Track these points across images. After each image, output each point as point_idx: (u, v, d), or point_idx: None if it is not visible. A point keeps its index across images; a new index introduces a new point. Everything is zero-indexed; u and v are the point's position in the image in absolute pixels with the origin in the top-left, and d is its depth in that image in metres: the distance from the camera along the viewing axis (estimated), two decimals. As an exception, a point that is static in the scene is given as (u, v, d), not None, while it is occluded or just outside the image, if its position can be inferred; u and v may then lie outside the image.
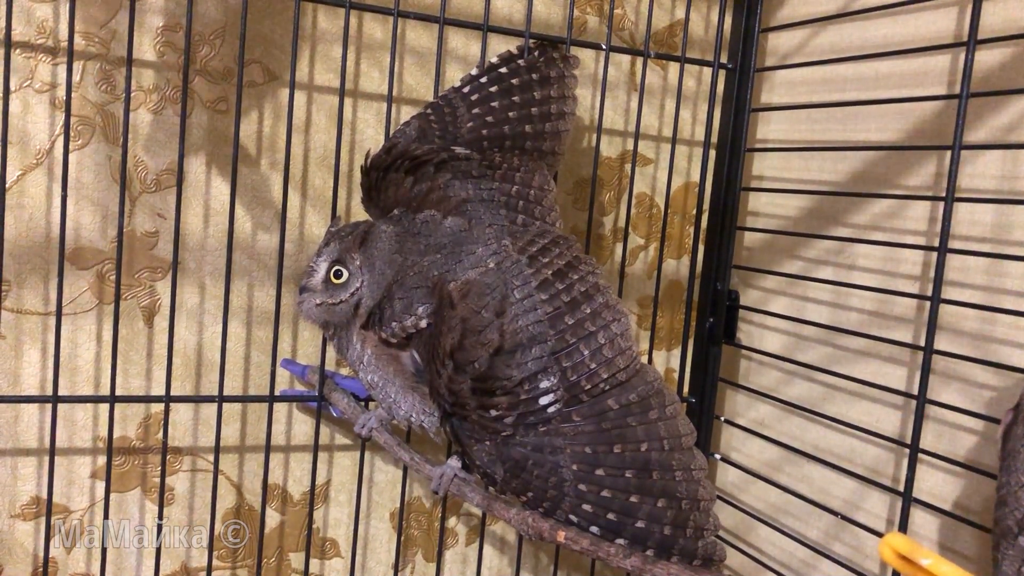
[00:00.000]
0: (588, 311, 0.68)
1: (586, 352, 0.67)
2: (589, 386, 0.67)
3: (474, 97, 0.80)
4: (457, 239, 0.72)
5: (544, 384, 0.66)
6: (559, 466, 0.66)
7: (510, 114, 0.80)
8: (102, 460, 0.86)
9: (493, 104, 0.80)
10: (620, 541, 0.66)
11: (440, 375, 0.67)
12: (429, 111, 0.81)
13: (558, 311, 0.68)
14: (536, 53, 0.83)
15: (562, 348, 0.67)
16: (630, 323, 0.71)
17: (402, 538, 0.99)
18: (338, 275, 0.71)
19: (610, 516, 0.66)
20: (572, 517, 0.67)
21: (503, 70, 0.81)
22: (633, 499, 0.67)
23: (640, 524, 0.66)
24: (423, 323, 0.69)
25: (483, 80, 0.81)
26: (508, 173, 0.76)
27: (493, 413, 0.66)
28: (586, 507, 0.67)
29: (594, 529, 0.67)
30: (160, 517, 0.85)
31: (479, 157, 0.77)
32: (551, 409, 0.66)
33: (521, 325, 0.66)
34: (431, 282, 0.69)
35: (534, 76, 0.81)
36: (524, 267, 0.69)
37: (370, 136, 0.91)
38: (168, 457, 0.89)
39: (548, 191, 0.78)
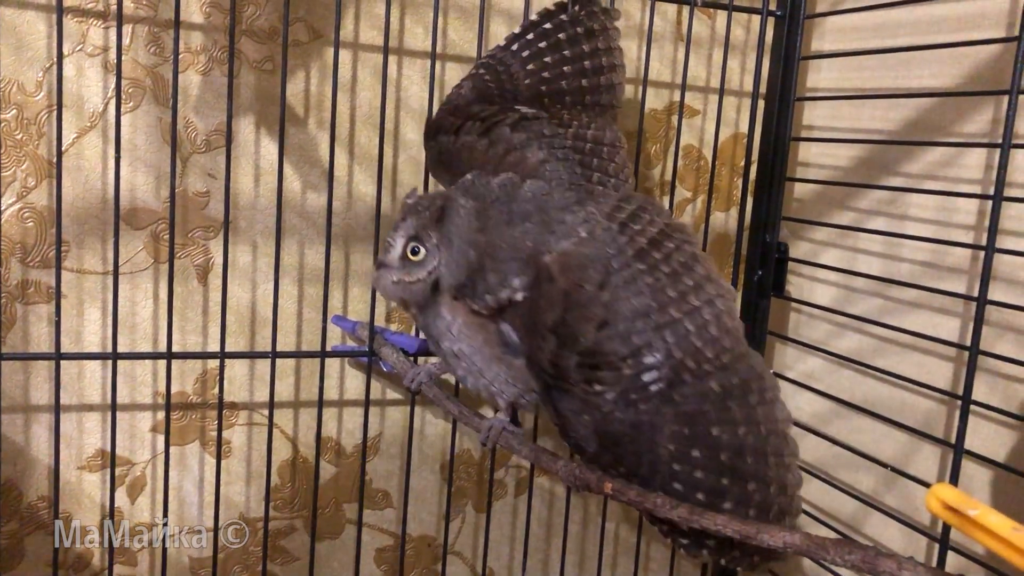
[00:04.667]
0: (690, 283, 0.66)
1: (691, 328, 0.65)
2: (693, 365, 0.65)
3: (525, 54, 0.79)
4: (541, 205, 0.69)
5: (648, 360, 0.64)
6: (655, 444, 0.65)
7: (564, 68, 0.79)
8: (162, 415, 0.89)
9: (546, 59, 0.79)
10: None
11: (542, 349, 0.65)
12: (482, 71, 0.79)
13: (659, 282, 0.66)
14: (577, 7, 0.82)
15: (666, 322, 0.65)
16: (735, 299, 0.68)
17: (452, 489, 1.00)
18: (415, 252, 0.68)
19: (699, 495, 0.65)
20: (659, 496, 0.66)
21: (547, 26, 0.80)
22: (724, 481, 0.66)
23: (727, 505, 0.65)
24: (519, 296, 0.66)
25: (530, 37, 0.80)
26: (580, 131, 0.75)
27: (597, 388, 0.64)
28: (677, 486, 0.65)
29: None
30: (218, 470, 0.87)
31: (547, 116, 0.75)
32: (654, 387, 0.64)
33: (623, 296, 0.64)
34: (524, 254, 0.67)
35: (579, 30, 0.80)
36: (616, 234, 0.67)
37: (415, 93, 0.92)
38: (224, 411, 0.92)
39: (620, 148, 0.77)
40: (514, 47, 0.80)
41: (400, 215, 0.70)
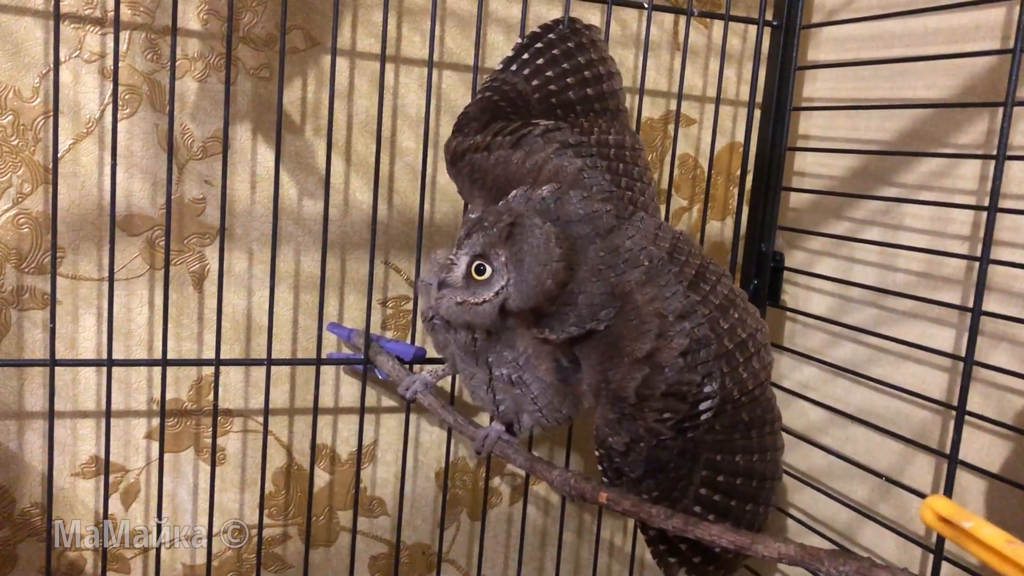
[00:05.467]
0: (736, 316, 0.68)
1: (741, 359, 0.67)
2: (737, 396, 0.67)
3: (526, 71, 0.79)
4: (596, 227, 0.67)
5: (707, 389, 0.66)
6: (691, 472, 0.67)
7: (568, 80, 0.79)
8: (156, 422, 0.89)
9: (548, 74, 0.79)
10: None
11: (631, 379, 0.64)
12: (488, 93, 0.78)
13: (712, 314, 0.67)
14: (559, 27, 0.82)
15: (723, 352, 0.66)
16: (768, 335, 0.71)
17: (447, 497, 1.00)
18: (480, 271, 0.64)
19: (710, 516, 0.67)
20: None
21: (539, 45, 0.80)
22: (733, 503, 0.68)
23: (727, 524, 0.68)
24: (601, 326, 0.65)
25: (525, 57, 0.80)
26: (602, 137, 0.75)
27: (666, 416, 0.65)
28: (697, 508, 0.67)
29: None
30: (212, 476, 0.87)
31: (567, 125, 0.75)
32: (704, 416, 0.66)
33: (687, 327, 0.65)
34: (609, 285, 0.65)
35: (570, 44, 0.80)
36: (668, 264, 0.67)
37: (412, 101, 0.92)
38: (219, 419, 0.92)
39: (640, 150, 0.77)
40: (513, 67, 0.80)
41: (463, 231, 0.66)
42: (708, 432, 0.67)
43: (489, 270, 0.64)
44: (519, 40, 0.81)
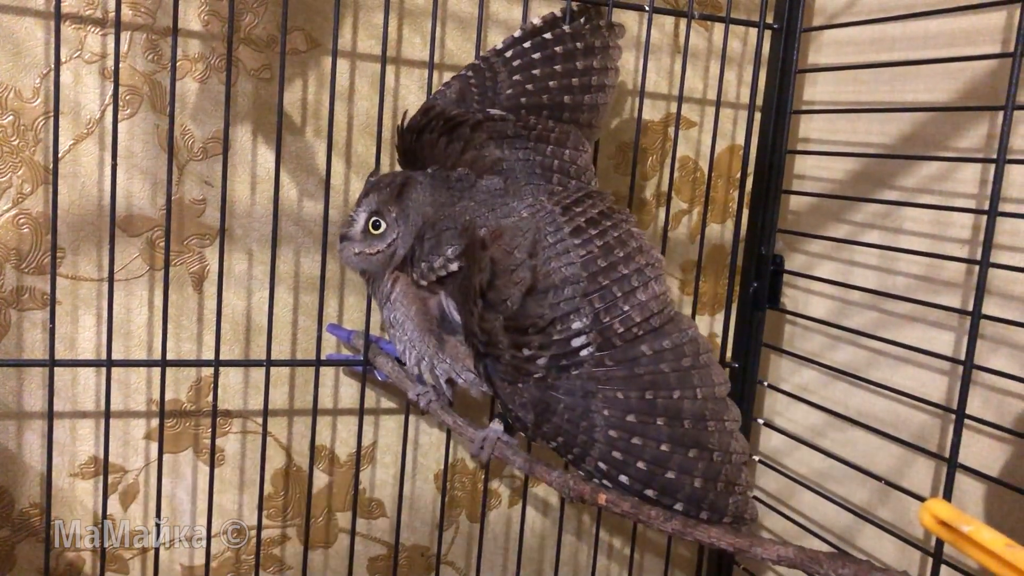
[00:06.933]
0: (621, 254, 0.69)
1: (619, 293, 0.67)
2: (622, 329, 0.67)
3: (516, 63, 0.80)
4: (492, 195, 0.72)
5: (576, 325, 0.66)
6: (590, 411, 0.67)
7: (550, 83, 0.79)
8: (155, 422, 0.89)
9: (534, 72, 0.80)
10: (649, 492, 0.66)
11: (472, 314, 0.67)
12: (469, 73, 0.81)
13: (591, 254, 0.68)
14: (582, 20, 0.82)
15: (595, 289, 0.67)
16: (663, 267, 0.70)
17: (446, 499, 1.00)
18: (376, 226, 0.73)
19: (640, 465, 0.66)
20: (601, 464, 0.67)
21: (547, 36, 0.81)
22: (664, 448, 0.66)
23: (670, 475, 0.66)
24: (453, 266, 0.69)
25: (526, 45, 0.81)
26: (543, 134, 0.76)
27: (526, 353, 0.66)
28: (616, 454, 0.67)
29: (623, 478, 0.67)
30: (211, 477, 0.87)
31: (514, 119, 0.77)
32: (584, 352, 0.67)
33: (554, 267, 0.67)
34: (462, 225, 0.70)
35: (578, 45, 0.80)
36: (557, 215, 0.70)
37: (412, 103, 0.92)
38: (218, 419, 0.92)
39: (583, 151, 0.78)
40: (508, 53, 0.81)
41: (363, 191, 0.74)
42: (597, 367, 0.67)
43: (384, 225, 0.73)
44: (531, 21, 0.81)
